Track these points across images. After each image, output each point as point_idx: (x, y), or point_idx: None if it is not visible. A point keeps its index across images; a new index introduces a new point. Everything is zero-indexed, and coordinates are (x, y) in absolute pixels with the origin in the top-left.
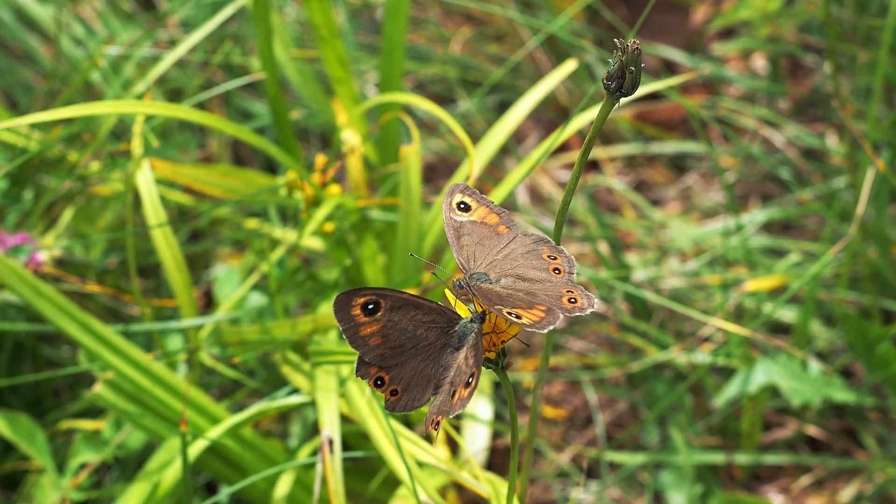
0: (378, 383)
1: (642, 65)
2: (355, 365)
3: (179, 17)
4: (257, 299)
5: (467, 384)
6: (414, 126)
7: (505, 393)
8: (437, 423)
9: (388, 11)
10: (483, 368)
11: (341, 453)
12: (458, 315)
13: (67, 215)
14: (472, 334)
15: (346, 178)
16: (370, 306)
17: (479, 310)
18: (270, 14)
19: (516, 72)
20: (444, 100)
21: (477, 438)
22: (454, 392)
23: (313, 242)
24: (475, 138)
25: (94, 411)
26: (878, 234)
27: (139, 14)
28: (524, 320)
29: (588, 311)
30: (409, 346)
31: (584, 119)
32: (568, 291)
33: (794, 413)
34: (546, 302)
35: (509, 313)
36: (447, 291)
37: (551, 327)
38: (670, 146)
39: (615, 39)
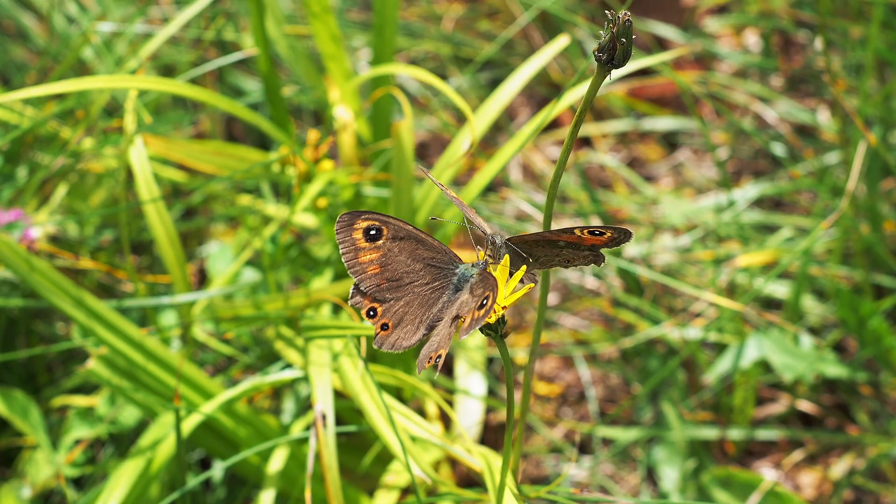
0: (370, 314)
1: (633, 38)
2: (350, 292)
3: None
4: (250, 275)
5: (481, 306)
6: (406, 102)
7: (497, 369)
8: (438, 358)
9: None
10: (480, 334)
11: (334, 428)
12: (459, 258)
13: (61, 192)
14: (476, 275)
15: (339, 155)
16: (372, 232)
17: (485, 262)
18: None
19: (508, 48)
20: (437, 76)
21: (470, 413)
22: (462, 319)
23: (306, 219)
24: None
25: (88, 387)
26: (869, 209)
27: None
28: (608, 234)
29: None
30: (406, 281)
31: (576, 94)
32: None
33: (786, 388)
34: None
35: (591, 232)
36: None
37: (629, 238)
38: (662, 122)
39: (606, 12)
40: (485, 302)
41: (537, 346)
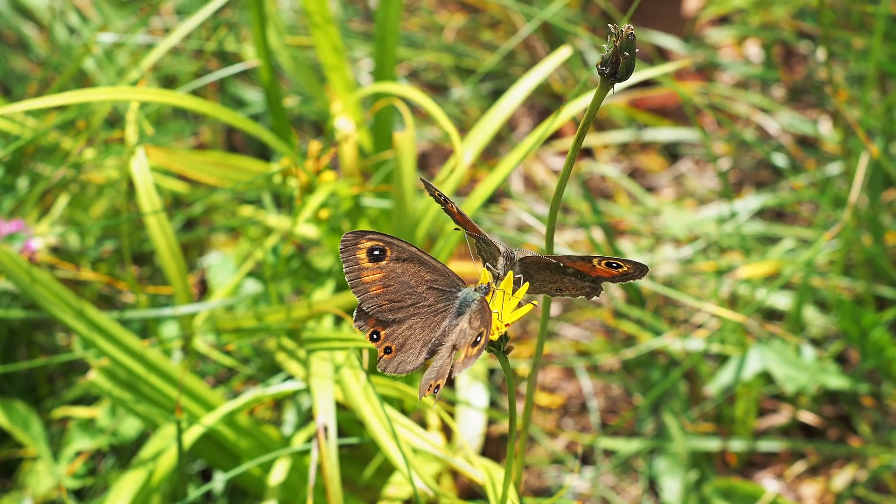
0: (374, 337)
1: (636, 51)
2: (355, 314)
3: (173, 5)
4: (252, 286)
5: (475, 343)
6: (408, 113)
7: (499, 380)
8: (437, 388)
9: None
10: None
11: (336, 440)
12: (462, 281)
13: (62, 203)
14: (476, 301)
15: (340, 166)
16: (375, 252)
17: (493, 285)
18: (265, 1)
19: (510, 59)
20: (438, 87)
21: (471, 425)
22: (458, 352)
23: (307, 230)
24: (469, 126)
25: (89, 399)
26: (871, 220)
27: (133, 1)
28: (624, 268)
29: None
30: (408, 303)
31: (577, 106)
32: None
33: (788, 399)
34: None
35: (608, 264)
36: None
37: (645, 273)
38: (664, 133)
39: (609, 25)
40: (478, 339)
41: (540, 357)
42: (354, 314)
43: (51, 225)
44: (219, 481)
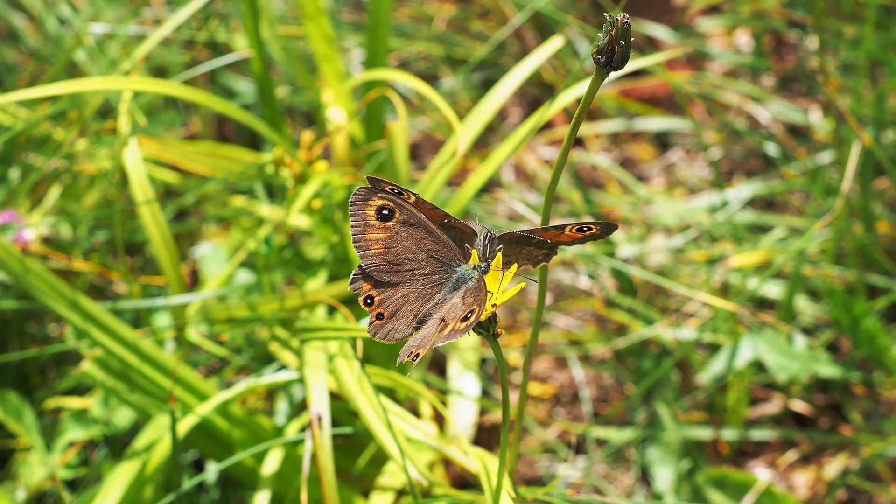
0: (367, 302)
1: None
2: (352, 277)
3: None
4: (244, 276)
5: (465, 318)
6: (401, 103)
7: (490, 369)
8: (416, 356)
9: None
10: (473, 333)
11: (330, 430)
12: (463, 257)
13: (54, 193)
14: (473, 280)
15: (332, 156)
16: (385, 211)
17: (486, 265)
18: None
19: (501, 49)
20: (429, 77)
21: (464, 415)
22: (445, 325)
23: (299, 220)
24: (461, 116)
25: (82, 389)
26: (862, 209)
27: None
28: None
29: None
30: (406, 268)
31: (569, 96)
32: None
33: (780, 388)
34: None
35: (580, 229)
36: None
37: (612, 231)
38: (655, 122)
39: (605, 14)
40: (469, 315)
41: (534, 347)
42: (351, 277)
43: (43, 215)
44: (212, 471)
